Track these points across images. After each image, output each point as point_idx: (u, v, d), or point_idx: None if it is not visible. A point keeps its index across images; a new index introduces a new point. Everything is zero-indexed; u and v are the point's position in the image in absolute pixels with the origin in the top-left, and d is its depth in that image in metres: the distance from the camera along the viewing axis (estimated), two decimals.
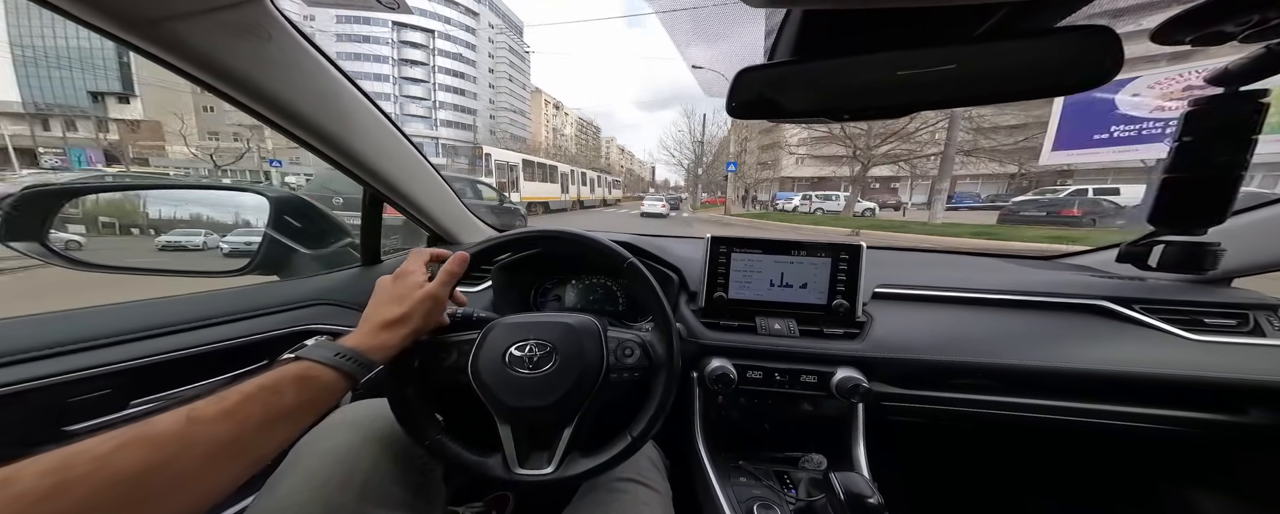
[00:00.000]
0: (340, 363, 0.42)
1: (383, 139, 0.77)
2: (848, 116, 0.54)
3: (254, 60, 0.54)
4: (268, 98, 0.58)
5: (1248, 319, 0.73)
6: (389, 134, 0.78)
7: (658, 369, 0.54)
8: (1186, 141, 0.43)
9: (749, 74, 0.55)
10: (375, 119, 0.74)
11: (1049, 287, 0.82)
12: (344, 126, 0.69)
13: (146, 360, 0.61)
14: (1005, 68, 0.44)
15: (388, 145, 0.79)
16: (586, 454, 0.52)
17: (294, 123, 0.63)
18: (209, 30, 0.48)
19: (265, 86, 0.57)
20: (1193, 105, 0.43)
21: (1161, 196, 0.45)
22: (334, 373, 0.41)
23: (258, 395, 0.36)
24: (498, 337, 0.54)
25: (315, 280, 0.89)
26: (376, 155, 0.77)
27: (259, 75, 0.55)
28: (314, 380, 0.40)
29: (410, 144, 0.84)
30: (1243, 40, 0.40)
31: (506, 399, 0.51)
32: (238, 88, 0.55)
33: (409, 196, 0.88)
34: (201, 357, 0.66)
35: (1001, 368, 0.71)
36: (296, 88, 0.60)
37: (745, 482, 0.69)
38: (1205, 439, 0.74)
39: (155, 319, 0.65)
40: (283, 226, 0.90)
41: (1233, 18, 0.38)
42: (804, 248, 0.77)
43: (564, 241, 0.59)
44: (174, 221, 1.06)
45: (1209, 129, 0.42)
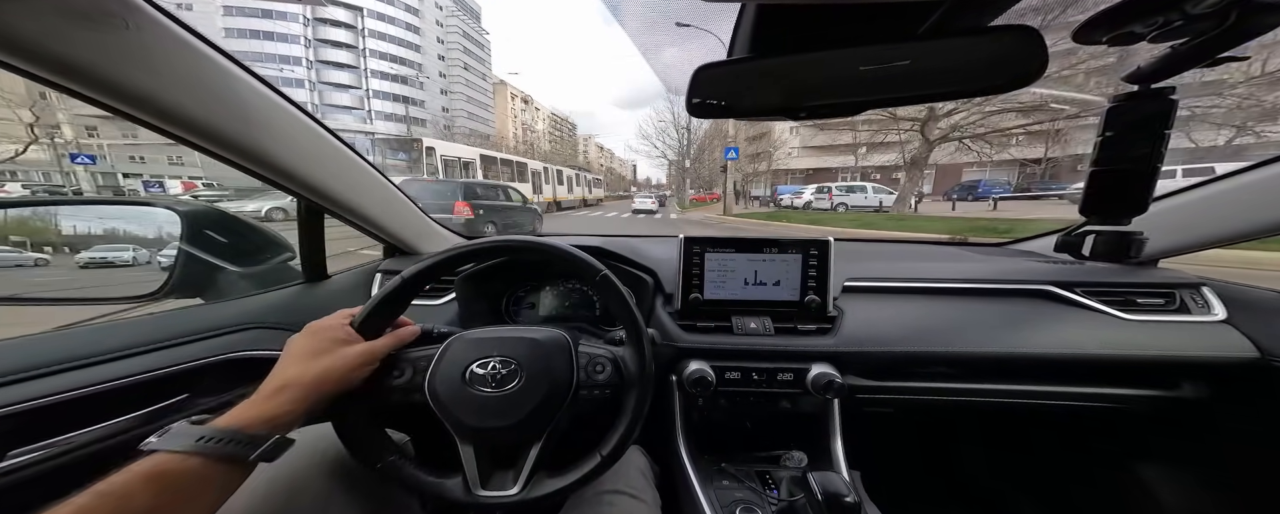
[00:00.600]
0: (207, 449, 0.35)
1: (304, 140, 0.69)
2: (804, 114, 0.54)
3: (110, 54, 0.44)
4: (137, 98, 0.49)
5: (1174, 297, 0.79)
6: (311, 134, 0.70)
7: (630, 385, 0.52)
8: (1109, 137, 0.46)
9: (707, 71, 0.54)
10: (290, 117, 0.66)
11: (1001, 273, 0.86)
12: (248, 127, 0.60)
13: (31, 404, 0.52)
14: (945, 65, 0.45)
15: (311, 147, 0.71)
16: (554, 474, 0.50)
17: (182, 127, 0.54)
18: (40, 15, 0.39)
19: (130, 84, 0.47)
20: (1112, 102, 0.46)
21: (1089, 189, 0.48)
22: (201, 462, 0.34)
23: (97, 507, 0.29)
24: (457, 353, 0.51)
25: (246, 301, 0.80)
26: (299, 159, 0.69)
27: (119, 71, 0.46)
28: (171, 477, 0.33)
29: (347, 148, 0.77)
30: (1151, 41, 0.43)
31: (468, 419, 0.48)
32: (94, 87, 0.46)
33: (348, 204, 0.80)
34: (101, 396, 0.57)
35: (963, 356, 0.74)
36: (176, 85, 0.51)
37: (728, 484, 0.68)
38: (1146, 415, 0.81)
39: (42, 356, 0.56)
40: (202, 242, 0.80)
41: (1140, 20, 0.41)
42: (776, 245, 0.78)
43: (532, 252, 0.56)
44: (87, 239, 0.92)
45: (1127, 125, 0.45)
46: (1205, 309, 0.77)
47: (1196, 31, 0.40)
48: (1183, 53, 0.41)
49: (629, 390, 0.52)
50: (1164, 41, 0.42)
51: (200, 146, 0.58)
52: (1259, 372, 0.70)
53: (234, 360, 0.71)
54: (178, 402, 0.65)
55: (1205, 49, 0.40)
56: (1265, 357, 0.69)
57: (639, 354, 0.52)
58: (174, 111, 0.52)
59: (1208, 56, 0.40)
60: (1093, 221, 0.49)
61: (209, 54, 0.53)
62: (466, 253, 0.55)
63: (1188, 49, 0.41)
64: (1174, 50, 0.42)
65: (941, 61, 0.45)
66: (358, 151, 0.79)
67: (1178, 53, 0.41)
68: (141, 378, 0.61)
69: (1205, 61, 0.41)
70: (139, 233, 0.87)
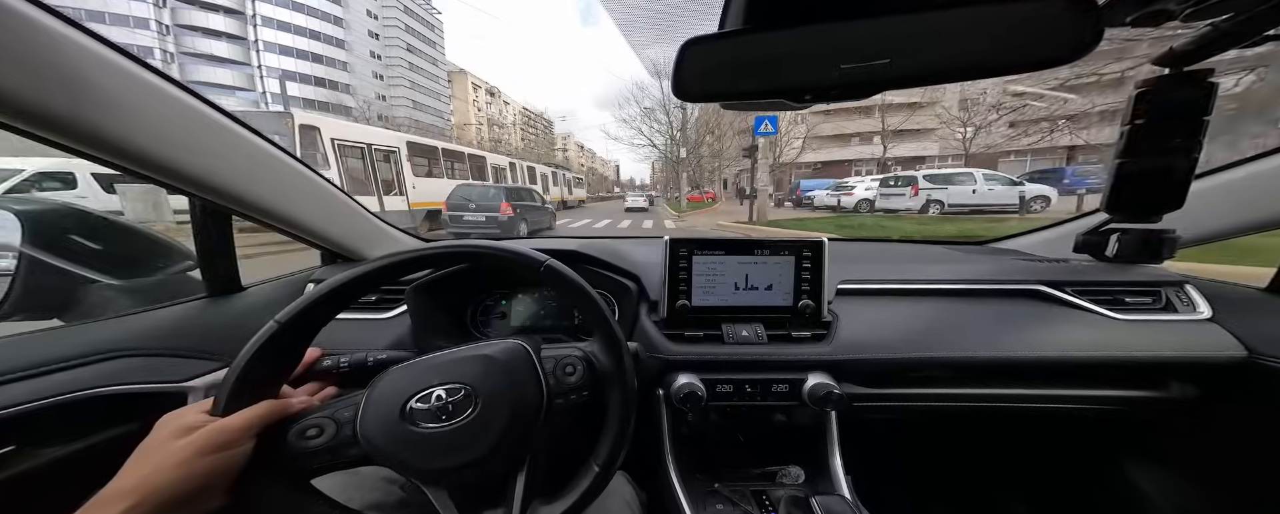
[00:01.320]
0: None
1: (204, 134, 0.56)
2: (810, 98, 0.47)
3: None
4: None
5: (1160, 296, 0.78)
6: (217, 127, 0.57)
7: (609, 382, 0.47)
8: (1138, 124, 0.42)
9: (697, 46, 0.46)
10: (186, 110, 0.53)
11: (991, 274, 0.84)
12: (103, 111, 0.46)
13: None
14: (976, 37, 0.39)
15: (215, 141, 0.58)
16: (550, 500, 0.44)
17: (21, 118, 0.41)
18: None
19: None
20: (1140, 87, 0.42)
21: (1115, 183, 0.44)
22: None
23: None
24: (387, 390, 0.42)
25: (122, 322, 0.64)
26: (192, 155, 0.55)
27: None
28: None
29: (265, 141, 0.63)
30: (1185, 20, 0.39)
31: (418, 462, 0.41)
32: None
33: (263, 206, 0.66)
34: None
35: (962, 361, 0.71)
36: (22, 74, 0.39)
37: (722, 508, 0.63)
38: (1137, 415, 0.80)
39: None
40: (58, 249, 0.63)
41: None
42: (767, 246, 0.74)
43: (458, 258, 0.48)
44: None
45: (1160, 112, 0.41)
46: (1191, 307, 0.77)
47: (1239, 6, 0.36)
48: (1225, 29, 0.37)
49: (609, 388, 0.47)
50: (1201, 19, 0.38)
51: (50, 140, 0.44)
52: (1247, 371, 0.69)
53: (92, 398, 0.54)
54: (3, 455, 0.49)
55: (1253, 24, 0.36)
56: (1253, 356, 0.69)
57: (610, 344, 0.47)
58: (19, 105, 0.39)
59: (1254, 34, 0.36)
60: (1117, 219, 0.45)
61: (68, 36, 0.42)
62: (388, 266, 0.45)
63: (1231, 25, 0.36)
64: (1214, 28, 0.38)
65: (971, 33, 0.39)
66: (271, 140, 0.65)
67: (1219, 29, 0.37)
68: None
69: (1249, 40, 0.37)
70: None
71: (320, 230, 0.79)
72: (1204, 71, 0.40)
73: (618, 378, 0.47)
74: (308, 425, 0.41)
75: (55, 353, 0.55)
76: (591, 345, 0.49)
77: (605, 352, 0.48)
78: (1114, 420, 0.84)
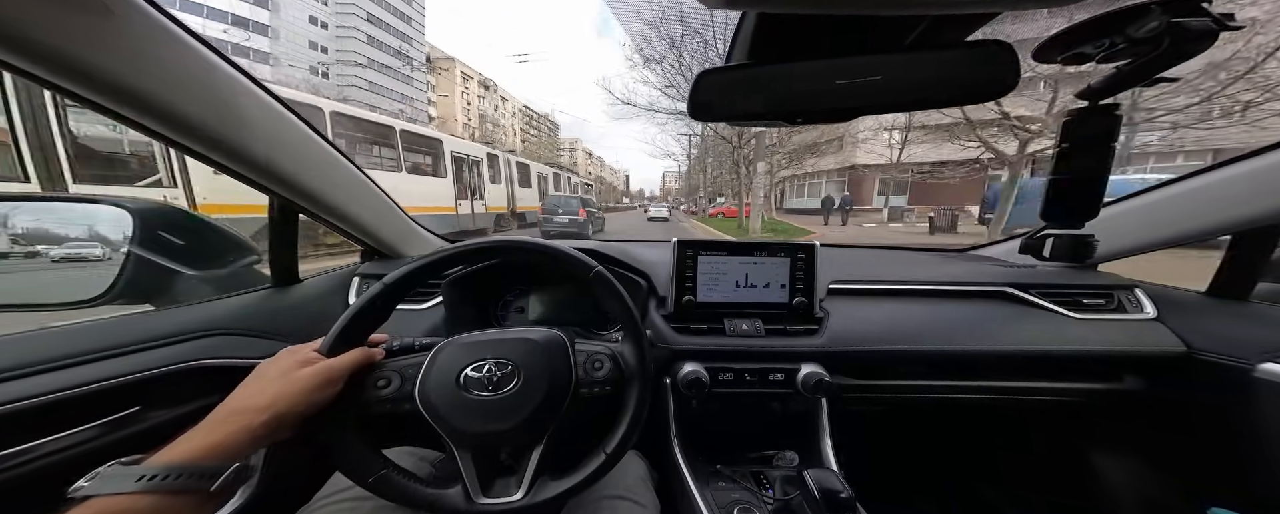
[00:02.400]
0: (153, 487, 0.32)
1: (291, 140, 0.66)
2: (800, 119, 0.57)
3: (89, 40, 0.41)
4: (117, 88, 0.45)
5: (1113, 298, 0.87)
6: (299, 134, 0.67)
7: (630, 380, 0.52)
8: (1064, 148, 0.52)
9: (708, 77, 0.56)
10: (271, 111, 0.62)
11: (966, 276, 0.93)
12: (230, 123, 0.57)
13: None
14: (928, 75, 0.50)
15: (298, 147, 0.68)
16: (558, 476, 0.49)
17: (159, 120, 0.51)
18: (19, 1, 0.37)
19: (111, 74, 0.44)
20: (1066, 117, 0.52)
21: (1048, 196, 0.54)
22: (152, 500, 0.32)
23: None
24: (449, 358, 0.49)
25: (205, 306, 0.74)
26: (284, 158, 0.65)
27: (97, 60, 0.43)
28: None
29: (331, 147, 0.73)
30: (1099, 62, 0.49)
31: (464, 425, 0.46)
32: (71, 76, 0.42)
33: (330, 205, 0.76)
34: (43, 409, 0.51)
35: (937, 354, 0.79)
36: (156, 75, 0.48)
37: (724, 486, 0.69)
38: (1097, 406, 0.88)
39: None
40: (155, 244, 0.73)
41: (1090, 42, 0.47)
42: (765, 248, 0.81)
43: (525, 252, 0.55)
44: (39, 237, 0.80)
45: (1080, 137, 0.51)
46: (1139, 308, 0.86)
47: (1137, 54, 0.46)
48: (1126, 73, 0.47)
49: (629, 386, 0.52)
50: (1110, 62, 0.48)
51: (176, 141, 0.54)
52: (1186, 364, 0.78)
53: (193, 369, 0.64)
54: (129, 414, 0.59)
55: (1145, 70, 0.45)
56: (1191, 351, 0.77)
57: (638, 348, 0.52)
58: (152, 103, 0.48)
59: (1147, 77, 0.46)
60: (1051, 226, 0.55)
61: (191, 44, 0.50)
62: (452, 255, 0.53)
63: (1130, 70, 0.46)
64: (1119, 70, 0.47)
65: (924, 71, 0.49)
66: (339, 148, 0.75)
67: (1122, 73, 0.47)
68: (84, 390, 0.55)
69: (1144, 81, 0.47)
70: (79, 235, 0.78)
71: (372, 229, 0.89)
72: (1113, 105, 0.50)
73: (639, 379, 0.51)
74: (380, 376, 0.48)
75: (161, 330, 0.65)
76: (620, 346, 0.54)
77: (632, 354, 0.52)
78: (1077, 411, 0.92)
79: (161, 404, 0.62)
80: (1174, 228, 0.84)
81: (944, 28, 0.48)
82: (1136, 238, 0.89)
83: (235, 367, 0.69)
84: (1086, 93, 0.50)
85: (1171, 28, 0.42)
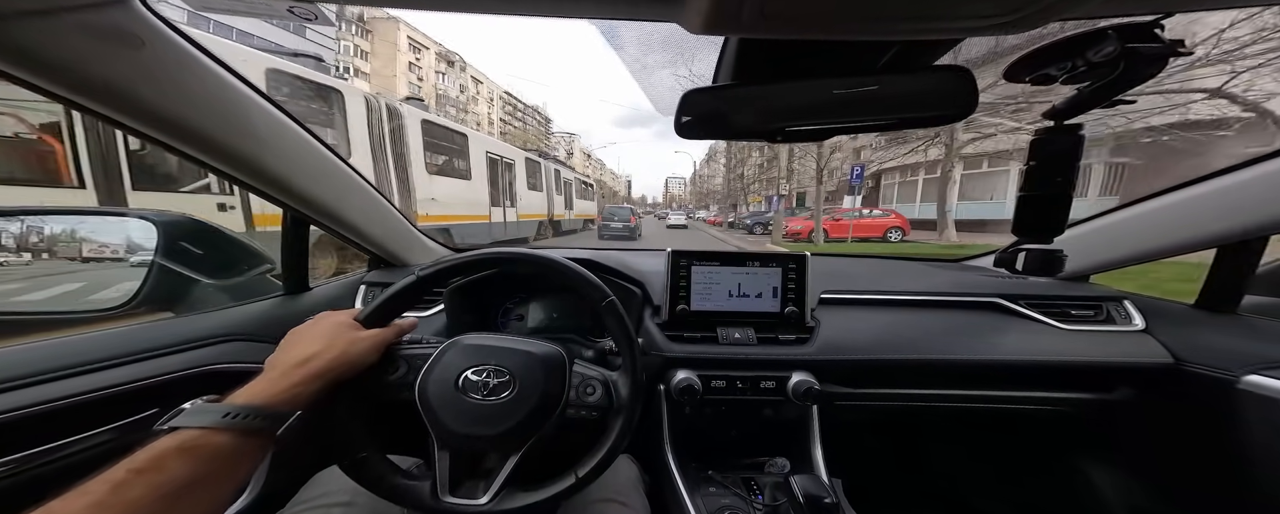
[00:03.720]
0: (234, 424, 0.36)
1: (300, 153, 0.70)
2: (781, 138, 0.60)
3: (126, 70, 0.46)
4: (148, 112, 0.50)
5: (1102, 309, 0.88)
6: (308, 148, 0.71)
7: (617, 411, 0.53)
8: (1032, 166, 0.54)
9: (695, 95, 0.59)
10: (288, 130, 0.67)
11: (956, 287, 0.94)
12: (248, 141, 0.61)
13: None
14: (898, 96, 0.52)
15: (308, 160, 0.72)
16: (526, 488, 0.50)
17: (186, 140, 0.55)
18: (60, 33, 0.40)
19: (144, 99, 0.49)
20: (1034, 135, 0.54)
21: (1018, 212, 0.56)
22: (230, 436, 0.36)
23: (131, 481, 0.30)
24: (454, 357, 0.51)
25: (222, 313, 0.78)
26: (294, 172, 0.69)
27: (133, 87, 0.47)
28: (202, 450, 0.34)
29: (335, 157, 0.77)
30: (1062, 83, 0.51)
31: (453, 425, 0.48)
32: (106, 102, 0.47)
33: (339, 216, 0.80)
34: (73, 410, 0.55)
35: (926, 362, 0.80)
36: (185, 100, 0.53)
37: (714, 491, 0.70)
38: (1086, 415, 0.88)
39: (3, 369, 0.53)
40: (177, 255, 0.77)
41: (1054, 64, 0.49)
42: (757, 258, 0.83)
43: (542, 267, 0.56)
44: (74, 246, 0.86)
45: (1046, 155, 0.53)
46: (1128, 320, 0.87)
47: (1097, 76, 0.48)
48: (1087, 94, 0.49)
49: (615, 417, 0.53)
50: (1073, 84, 0.51)
51: (200, 159, 0.59)
52: (1174, 375, 0.79)
53: (209, 373, 0.68)
54: (149, 416, 0.63)
55: (1103, 92, 0.48)
56: (1179, 362, 0.78)
57: (633, 382, 0.53)
58: (181, 125, 0.53)
59: (1106, 98, 0.48)
60: (1023, 241, 0.57)
61: (214, 69, 0.55)
62: (480, 261, 0.56)
63: (1090, 92, 0.49)
64: (1080, 92, 0.50)
65: (894, 93, 0.52)
66: (347, 162, 0.79)
67: (1083, 94, 0.49)
68: (108, 392, 0.59)
69: (1104, 103, 0.49)
70: (113, 243, 0.83)
71: (378, 239, 0.93)
72: (1076, 125, 0.52)
73: (625, 412, 0.52)
74: (394, 360, 0.51)
75: (181, 336, 0.70)
76: (616, 376, 0.55)
77: (626, 387, 0.53)
78: (1066, 421, 0.93)
79: (178, 405, 0.66)
80: (1148, 243, 0.86)
81: (914, 53, 0.51)
82: (1118, 252, 0.91)
83: (250, 371, 0.73)
84: (1052, 113, 0.52)
85: (1126, 52, 0.45)
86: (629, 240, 13.47)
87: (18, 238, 0.83)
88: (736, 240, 14.37)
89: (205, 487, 0.34)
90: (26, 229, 0.83)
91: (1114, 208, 0.93)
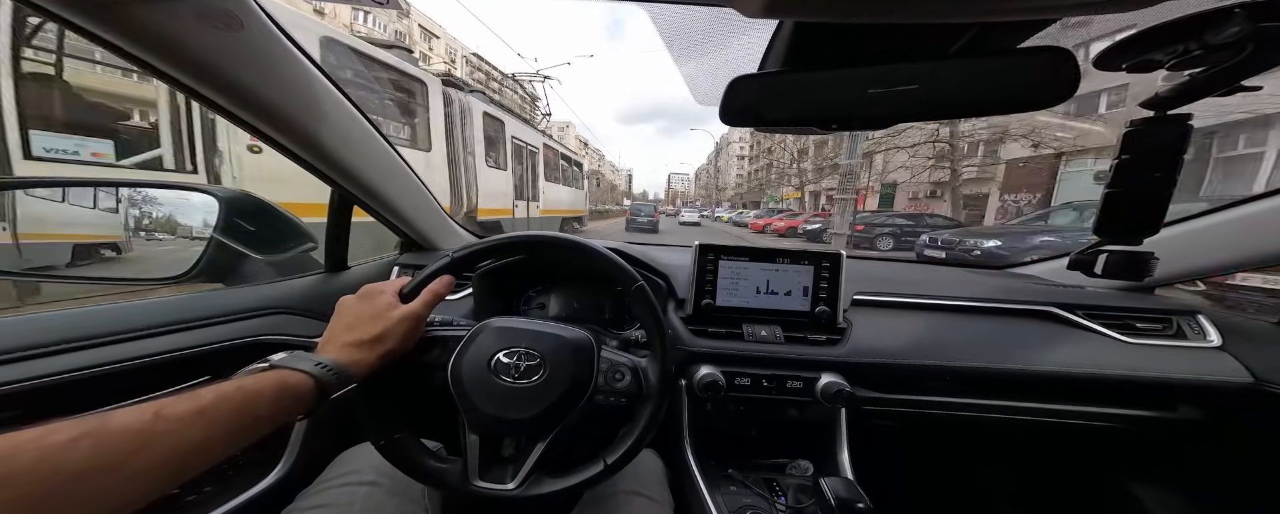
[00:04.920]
0: (321, 374, 0.40)
1: (357, 136, 0.73)
2: (835, 126, 0.56)
3: (223, 50, 0.49)
4: (235, 90, 0.53)
5: (1171, 323, 0.81)
6: (363, 131, 0.74)
7: (646, 398, 0.52)
8: (1124, 159, 0.49)
9: (741, 82, 0.56)
10: (349, 115, 0.69)
11: (1005, 294, 0.88)
12: (315, 122, 0.64)
13: (62, 378, 0.52)
14: (974, 84, 0.48)
15: (362, 143, 0.74)
16: (554, 475, 0.50)
17: (261, 118, 0.58)
18: (174, 16, 0.44)
19: (233, 78, 0.52)
20: (1129, 127, 0.49)
21: (1104, 210, 0.50)
22: (311, 384, 0.39)
23: (235, 396, 0.34)
24: (487, 340, 0.51)
25: (269, 287, 0.81)
26: (349, 153, 0.72)
27: (227, 66, 0.50)
28: (292, 390, 0.38)
29: (386, 142, 0.79)
30: (1170, 69, 0.46)
31: (484, 407, 0.48)
32: (200, 78, 0.50)
33: (383, 198, 0.82)
34: (130, 372, 0.58)
35: (968, 371, 0.75)
36: (267, 81, 0.55)
37: (735, 490, 0.69)
38: (1144, 435, 0.82)
39: (68, 331, 0.56)
40: (233, 230, 0.81)
41: (1160, 48, 0.44)
42: (788, 256, 0.80)
43: (570, 251, 0.56)
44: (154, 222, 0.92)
45: (1143, 149, 0.47)
46: (1201, 335, 0.79)
47: (1214, 61, 0.43)
48: (1201, 81, 0.43)
49: (644, 402, 0.52)
50: (1182, 70, 0.45)
51: (270, 137, 0.61)
52: (1252, 396, 0.72)
53: (256, 344, 0.71)
54: (201, 384, 0.66)
55: (1222, 78, 0.42)
56: (1259, 382, 0.71)
57: (662, 369, 0.52)
58: (265, 106, 0.56)
59: (1224, 85, 0.42)
60: (1105, 241, 0.51)
61: (295, 54, 0.57)
62: (511, 243, 0.56)
63: (1205, 78, 0.43)
64: (1192, 78, 0.44)
65: (971, 80, 0.47)
66: (396, 148, 0.81)
67: (1196, 81, 0.44)
68: (165, 357, 0.62)
69: (1220, 90, 0.43)
70: (178, 218, 0.89)
71: (414, 222, 0.95)
72: (1184, 115, 0.46)
73: (655, 398, 0.51)
74: (428, 343, 0.51)
75: (233, 306, 0.73)
76: (645, 363, 0.54)
77: (655, 374, 0.52)
78: (1119, 439, 0.87)
79: (227, 374, 0.69)
80: (1245, 250, 0.78)
81: (994, 35, 0.47)
82: (1199, 260, 0.82)
83: (293, 343, 0.76)
84: (1153, 102, 0.47)
85: (1259, 33, 0.39)
86: (652, 233, 16.50)
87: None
88: None
89: (273, 420, 0.36)
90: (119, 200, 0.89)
91: (1196, 213, 0.84)
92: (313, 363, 0.40)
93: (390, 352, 0.46)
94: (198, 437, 0.31)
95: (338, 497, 0.53)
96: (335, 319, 0.47)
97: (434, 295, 0.51)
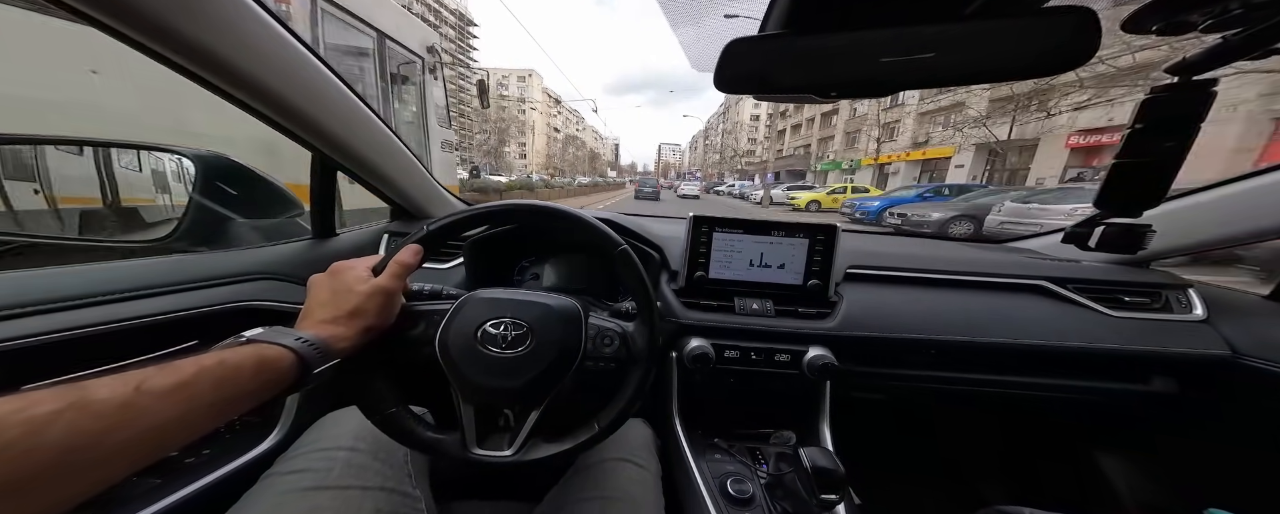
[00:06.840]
0: (302, 348, 0.38)
1: (332, 99, 0.69)
2: (835, 94, 0.53)
3: (185, 10, 0.46)
4: (201, 53, 0.49)
5: (1160, 296, 0.81)
6: (340, 94, 0.70)
7: (635, 361, 0.53)
8: (1138, 128, 0.46)
9: (738, 45, 0.52)
10: (324, 77, 0.65)
11: (997, 267, 0.87)
12: (288, 84, 0.60)
13: (37, 339, 0.52)
14: (989, 47, 0.44)
15: (338, 106, 0.70)
16: (549, 440, 0.51)
17: (230, 80, 0.55)
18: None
19: (204, 44, 0.48)
20: (1150, 93, 0.45)
21: (1108, 181, 0.48)
22: (292, 358, 0.38)
23: (215, 370, 0.33)
24: (472, 311, 0.51)
25: (256, 252, 0.80)
26: (325, 116, 0.68)
27: (190, 26, 0.47)
28: (273, 366, 0.37)
29: (366, 107, 0.76)
30: (1204, 31, 0.42)
31: (475, 378, 0.48)
32: (163, 40, 0.47)
33: (365, 162, 0.80)
34: (111, 335, 0.58)
35: (954, 344, 0.76)
36: (238, 45, 0.52)
37: (720, 458, 0.71)
38: (1119, 407, 0.84)
39: (42, 292, 0.55)
40: (212, 192, 0.79)
41: (1199, 7, 0.40)
42: (783, 228, 0.78)
43: (552, 218, 0.55)
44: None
45: (1159, 117, 0.44)
46: (1187, 309, 0.79)
47: (1253, 20, 0.39)
48: (1235, 43, 0.40)
49: (633, 366, 0.53)
50: (1217, 32, 0.41)
51: (241, 100, 0.58)
52: (1227, 368, 0.73)
53: (244, 309, 0.71)
54: (188, 348, 0.66)
55: (1259, 39, 0.39)
56: (1236, 355, 0.72)
57: (649, 333, 0.52)
58: (229, 65, 0.52)
59: (1260, 47, 0.39)
60: (1104, 214, 0.49)
61: (263, 17, 0.53)
62: (487, 213, 0.54)
63: (1241, 39, 0.39)
64: (1225, 41, 0.40)
65: (988, 42, 0.44)
66: (377, 112, 0.77)
67: (1229, 43, 0.40)
68: (153, 320, 0.62)
69: (1255, 53, 0.40)
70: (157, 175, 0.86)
71: (402, 188, 0.92)
72: (1208, 80, 0.43)
73: (643, 362, 0.52)
74: (412, 317, 0.50)
75: (218, 270, 0.72)
76: (632, 328, 0.54)
77: (642, 338, 0.53)
78: (1097, 411, 0.89)
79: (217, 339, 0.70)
80: (1240, 226, 0.77)
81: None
82: (1196, 236, 0.81)
83: (281, 310, 0.76)
84: (1180, 66, 0.43)
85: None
86: (655, 201, 20.59)
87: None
88: None
89: (255, 397, 0.35)
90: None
91: (1196, 188, 0.82)
92: (293, 337, 0.39)
93: (371, 327, 0.45)
94: (178, 413, 0.30)
95: (315, 461, 0.54)
96: (309, 296, 0.46)
97: (402, 266, 0.49)
